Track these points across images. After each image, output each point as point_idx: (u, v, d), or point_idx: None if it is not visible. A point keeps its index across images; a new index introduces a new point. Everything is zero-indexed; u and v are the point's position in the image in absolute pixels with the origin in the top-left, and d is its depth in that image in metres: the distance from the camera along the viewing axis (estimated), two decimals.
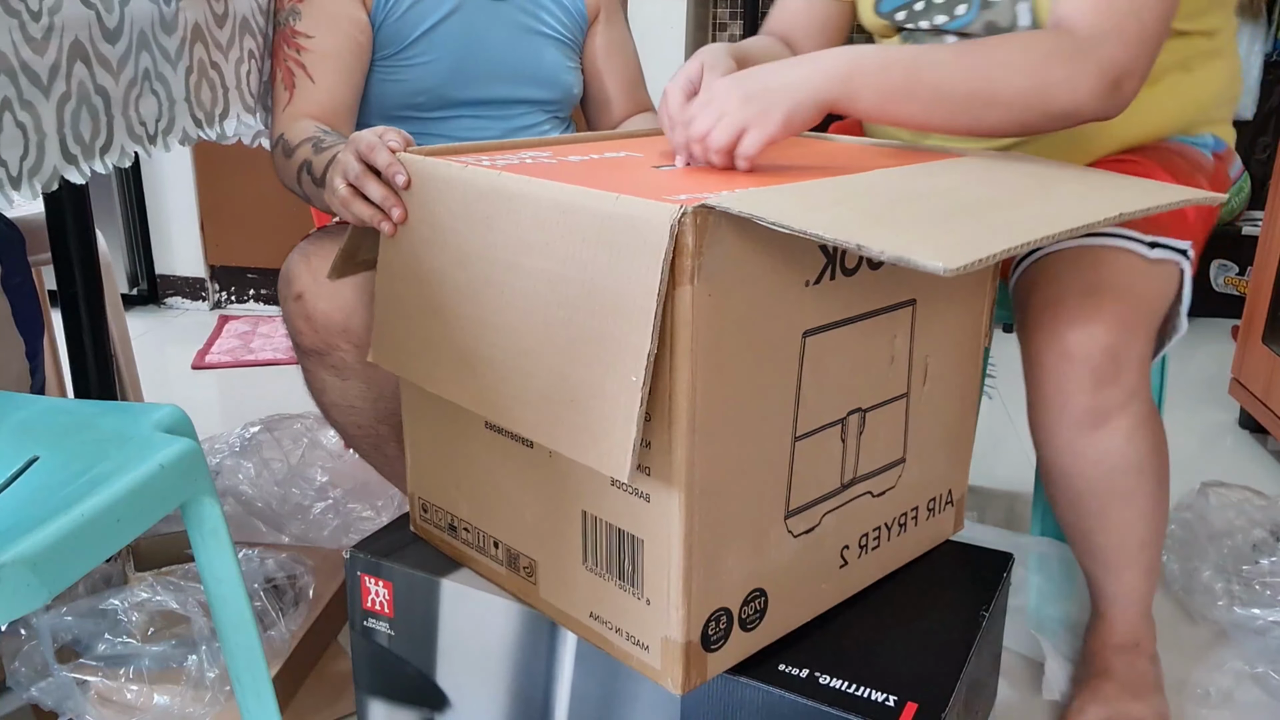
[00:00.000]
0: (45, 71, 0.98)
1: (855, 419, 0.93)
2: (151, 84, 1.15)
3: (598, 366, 0.78)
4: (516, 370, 0.85)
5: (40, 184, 0.99)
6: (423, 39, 1.32)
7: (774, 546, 0.89)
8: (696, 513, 0.81)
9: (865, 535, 0.99)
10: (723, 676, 0.89)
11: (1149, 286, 1.08)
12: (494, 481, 0.97)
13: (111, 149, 1.10)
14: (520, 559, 0.97)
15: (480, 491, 1.00)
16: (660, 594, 0.84)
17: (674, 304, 0.75)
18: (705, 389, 0.78)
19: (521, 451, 0.88)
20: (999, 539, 1.52)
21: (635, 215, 0.75)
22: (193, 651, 1.13)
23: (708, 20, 3.04)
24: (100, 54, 1.06)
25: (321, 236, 1.26)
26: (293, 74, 1.27)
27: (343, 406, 1.25)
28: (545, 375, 0.83)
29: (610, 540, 0.87)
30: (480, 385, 0.89)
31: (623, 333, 0.76)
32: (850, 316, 0.89)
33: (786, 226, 0.72)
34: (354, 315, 1.18)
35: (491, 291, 0.86)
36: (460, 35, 1.34)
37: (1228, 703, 1.25)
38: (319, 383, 1.25)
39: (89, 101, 1.05)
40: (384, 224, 0.94)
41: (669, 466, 0.79)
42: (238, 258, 2.79)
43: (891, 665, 0.91)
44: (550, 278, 0.81)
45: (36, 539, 0.71)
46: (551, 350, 0.82)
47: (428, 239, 0.92)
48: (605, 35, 1.48)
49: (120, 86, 1.10)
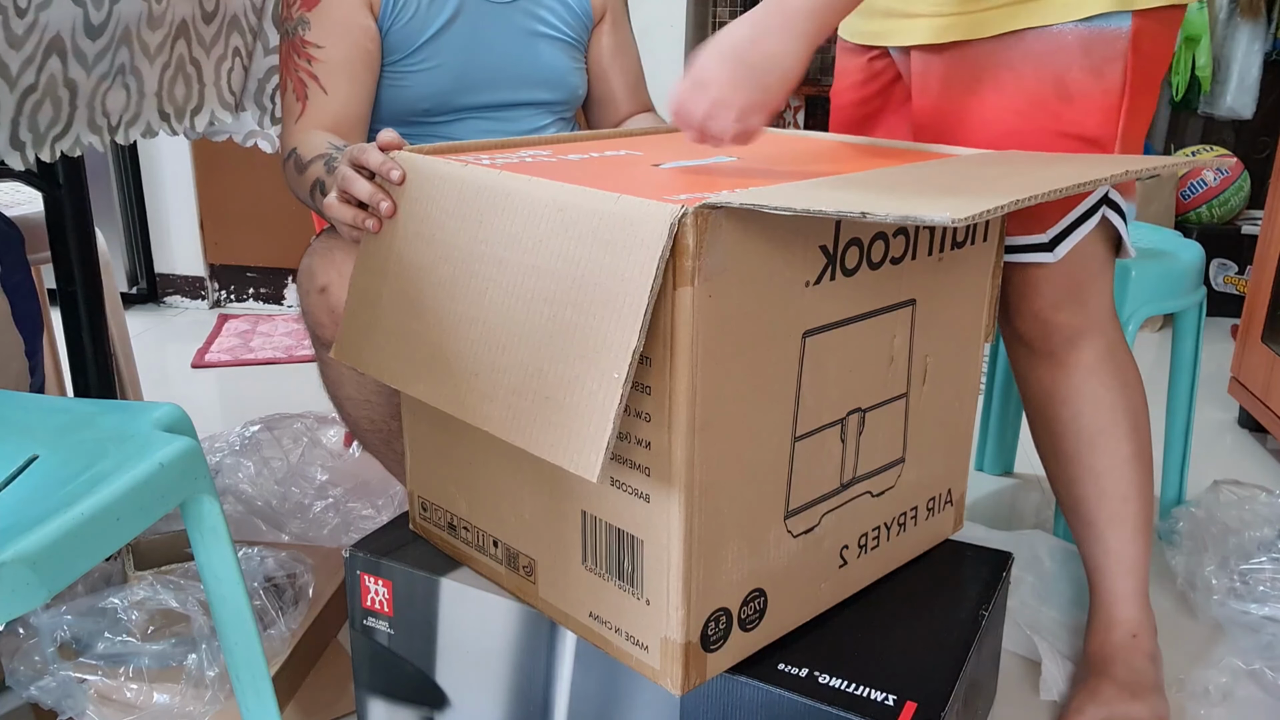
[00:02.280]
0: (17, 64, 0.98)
1: (855, 419, 0.93)
2: (124, 78, 1.15)
3: (578, 362, 0.77)
4: (488, 365, 0.84)
5: None
6: (428, 45, 1.32)
7: (773, 546, 0.89)
8: (696, 513, 0.81)
9: (865, 535, 0.99)
10: (722, 676, 0.89)
11: (1084, 253, 1.11)
12: (493, 480, 0.97)
13: (66, 137, 1.10)
14: (519, 558, 0.97)
15: (479, 490, 1.00)
16: (660, 594, 0.84)
17: (674, 304, 0.75)
18: (705, 389, 0.78)
19: (520, 450, 0.88)
20: (995, 538, 1.52)
21: (634, 214, 0.75)
22: (192, 650, 1.13)
23: (707, 20, 3.04)
24: (78, 48, 1.05)
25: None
26: (304, 85, 1.27)
27: (359, 400, 1.25)
28: (518, 370, 0.82)
29: (609, 540, 0.87)
30: (449, 381, 0.88)
31: (610, 329, 0.75)
32: (850, 317, 0.89)
33: (789, 209, 0.72)
34: None
35: (474, 285, 0.86)
36: (465, 40, 1.34)
37: (1226, 700, 1.25)
38: (336, 376, 1.25)
39: (54, 93, 1.05)
40: (369, 221, 0.95)
41: (669, 467, 0.79)
42: (237, 257, 2.79)
43: (891, 664, 0.92)
44: (538, 273, 0.81)
45: (36, 538, 0.71)
46: (529, 345, 0.81)
47: (415, 234, 0.92)
48: (612, 36, 1.48)
49: (91, 80, 1.10)
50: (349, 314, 0.99)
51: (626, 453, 0.82)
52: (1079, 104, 1.06)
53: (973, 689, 0.99)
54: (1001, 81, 1.07)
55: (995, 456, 1.86)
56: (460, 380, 0.87)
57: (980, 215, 0.67)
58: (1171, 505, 1.63)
